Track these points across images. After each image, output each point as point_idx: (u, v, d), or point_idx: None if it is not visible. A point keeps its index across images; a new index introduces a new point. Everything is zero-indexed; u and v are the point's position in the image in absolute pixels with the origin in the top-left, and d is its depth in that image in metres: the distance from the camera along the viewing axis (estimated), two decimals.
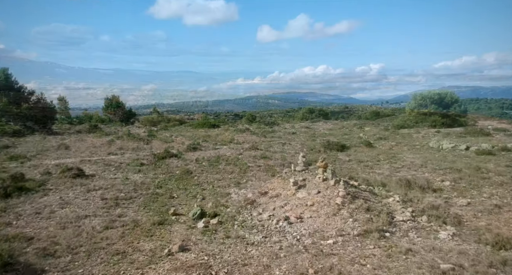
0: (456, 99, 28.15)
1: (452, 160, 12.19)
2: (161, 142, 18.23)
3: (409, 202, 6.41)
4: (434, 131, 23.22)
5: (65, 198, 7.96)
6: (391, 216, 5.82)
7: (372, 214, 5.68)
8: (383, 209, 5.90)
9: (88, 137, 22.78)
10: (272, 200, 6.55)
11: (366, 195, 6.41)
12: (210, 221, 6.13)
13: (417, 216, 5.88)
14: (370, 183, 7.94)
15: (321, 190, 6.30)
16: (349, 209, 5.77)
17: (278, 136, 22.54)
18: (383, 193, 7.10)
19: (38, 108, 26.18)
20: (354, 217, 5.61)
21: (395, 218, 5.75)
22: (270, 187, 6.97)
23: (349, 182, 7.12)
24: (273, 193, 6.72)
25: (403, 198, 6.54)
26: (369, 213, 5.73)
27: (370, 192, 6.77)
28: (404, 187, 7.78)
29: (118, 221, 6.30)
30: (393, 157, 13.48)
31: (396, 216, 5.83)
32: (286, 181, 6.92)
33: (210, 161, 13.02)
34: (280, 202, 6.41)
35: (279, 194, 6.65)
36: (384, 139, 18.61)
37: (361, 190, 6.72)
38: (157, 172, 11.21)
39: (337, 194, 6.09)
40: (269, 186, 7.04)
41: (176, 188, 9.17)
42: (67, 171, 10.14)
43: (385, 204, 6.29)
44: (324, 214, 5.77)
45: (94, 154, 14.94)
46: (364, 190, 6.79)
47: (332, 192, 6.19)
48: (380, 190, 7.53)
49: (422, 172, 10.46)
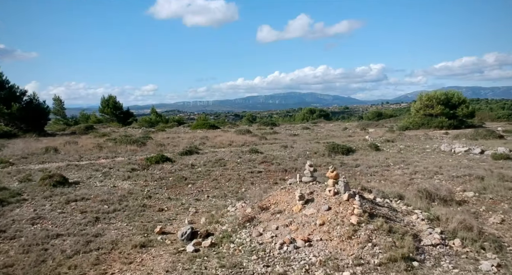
0: (463, 99, 27.20)
1: (468, 166, 11.24)
2: (156, 145, 17.28)
3: (436, 220, 5.46)
4: (442, 132, 22.28)
5: (40, 211, 7.02)
6: (418, 238, 4.88)
7: (395, 237, 4.74)
8: (407, 230, 4.96)
9: (81, 138, 21.84)
10: (274, 217, 5.60)
11: (385, 212, 5.47)
12: (202, 243, 5.19)
13: (448, 239, 4.94)
14: (385, 195, 7.00)
15: (332, 206, 5.36)
16: (366, 230, 4.83)
17: (279, 138, 21.60)
18: (403, 208, 6.16)
19: (30, 109, 25.25)
20: (373, 240, 4.68)
21: (423, 242, 4.81)
22: (272, 201, 6.03)
23: (363, 194, 6.18)
24: (276, 209, 5.77)
25: (428, 215, 5.59)
26: (391, 235, 4.79)
27: (389, 207, 5.83)
28: (425, 199, 6.84)
29: (94, 243, 5.36)
30: (403, 161, 12.53)
31: (423, 238, 4.89)
32: (291, 194, 5.98)
33: (206, 166, 12.09)
34: (284, 219, 5.47)
35: (283, 209, 5.71)
36: (392, 142, 17.65)
37: (379, 205, 5.77)
38: (149, 178, 10.27)
39: (351, 212, 5.15)
40: (271, 199, 6.10)
41: (167, 199, 8.22)
42: (48, 178, 9.20)
43: (408, 223, 5.34)
44: (337, 236, 4.83)
45: (83, 157, 14.01)
46: (381, 204, 5.85)
47: (345, 209, 5.25)
48: (397, 203, 6.58)
49: (438, 179, 9.52)
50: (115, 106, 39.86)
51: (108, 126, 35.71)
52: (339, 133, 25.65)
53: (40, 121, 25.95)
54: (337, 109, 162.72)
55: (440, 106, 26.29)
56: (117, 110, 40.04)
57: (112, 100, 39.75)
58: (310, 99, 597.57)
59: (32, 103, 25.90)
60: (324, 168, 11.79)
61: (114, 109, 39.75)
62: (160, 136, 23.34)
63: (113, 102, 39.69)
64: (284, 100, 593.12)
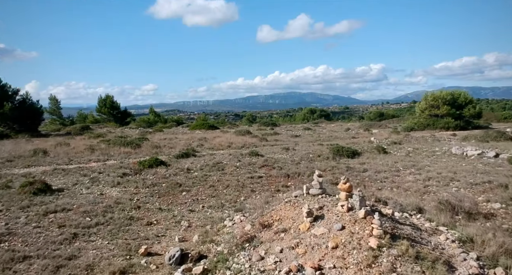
0: (470, 99, 26.38)
1: (484, 171, 10.43)
2: (151, 147, 16.47)
3: (469, 242, 4.65)
4: (449, 134, 21.47)
5: (13, 225, 6.22)
6: (451, 266, 4.07)
7: (424, 265, 3.94)
8: (437, 256, 4.15)
9: (75, 139, 21.03)
10: (278, 237, 4.80)
11: (408, 231, 4.66)
12: (193, 270, 4.39)
13: (487, 267, 4.13)
14: (403, 208, 6.19)
15: (347, 225, 4.56)
16: (389, 256, 4.03)
17: (280, 139, 20.79)
18: (426, 225, 5.34)
19: (23, 109, 24.44)
20: (398, 270, 3.87)
21: (458, 271, 4.00)
22: (275, 217, 5.22)
23: (378, 207, 5.37)
24: (280, 226, 4.97)
25: (460, 236, 4.78)
26: (419, 263, 3.98)
27: (412, 225, 5.01)
28: (447, 213, 6.03)
29: (65, 268, 4.55)
30: (413, 165, 11.73)
31: (457, 267, 4.08)
32: (297, 208, 5.16)
33: (203, 170, 11.29)
34: (289, 240, 4.67)
35: (288, 227, 4.90)
36: (399, 144, 16.84)
37: (400, 222, 4.96)
38: (140, 185, 9.47)
39: (369, 232, 4.35)
40: (274, 215, 5.29)
41: (158, 209, 7.41)
42: (29, 185, 8.40)
43: (436, 245, 4.53)
44: (353, 263, 4.02)
45: (73, 160, 13.21)
46: (403, 222, 5.03)
47: (362, 229, 4.44)
48: (418, 218, 5.78)
49: (456, 187, 8.71)
50: (112, 106, 39.06)
51: (105, 126, 34.90)
52: (342, 134, 24.85)
53: (33, 121, 25.15)
54: (337, 109, 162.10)
55: (446, 107, 25.48)
56: (114, 110, 39.24)
57: (109, 99, 38.95)
58: (310, 99, 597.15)
59: (25, 102, 25.09)
60: (329, 173, 11.00)
61: (111, 109, 38.95)
62: (157, 137, 22.53)
63: (110, 102, 38.89)
64: (284, 100, 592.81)
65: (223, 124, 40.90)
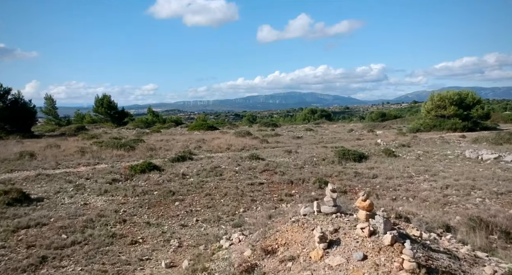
0: (478, 99, 25.49)
1: (506, 178, 9.56)
2: (146, 149, 15.60)
3: None
4: (458, 135, 20.59)
5: None
6: None
7: None
8: None
9: (68, 141, 20.14)
10: (284, 267, 3.94)
11: (446, 263, 3.79)
12: None
13: None
14: (429, 226, 5.31)
15: (369, 254, 3.69)
16: None
17: (281, 141, 19.91)
18: (462, 250, 4.47)
19: (15, 108, 23.58)
20: None
21: None
22: (280, 240, 4.35)
23: (404, 229, 4.50)
24: (286, 253, 4.10)
25: (510, 268, 3.90)
26: None
27: (446, 252, 4.14)
28: (480, 231, 5.17)
29: None
30: (426, 171, 10.87)
31: None
32: (307, 230, 4.30)
33: (200, 176, 10.42)
34: (298, 271, 3.80)
35: (296, 255, 4.04)
36: (407, 146, 15.96)
37: (432, 249, 4.09)
38: (129, 192, 8.60)
39: (399, 265, 3.48)
40: (279, 238, 4.42)
41: (146, 224, 6.55)
42: (3, 194, 7.53)
43: None
44: None
45: (61, 164, 12.32)
46: (436, 248, 4.15)
47: (389, 260, 3.58)
48: (448, 239, 4.91)
49: (479, 198, 7.84)
50: (110, 106, 38.16)
51: (102, 127, 34.02)
52: (346, 136, 23.97)
53: (25, 121, 24.28)
54: (338, 109, 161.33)
55: (453, 107, 24.59)
56: (112, 109, 38.34)
57: (107, 99, 38.05)
58: (311, 99, 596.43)
59: (17, 102, 24.22)
60: (336, 179, 10.14)
61: (109, 108, 38.05)
62: (153, 138, 21.65)
63: (107, 102, 37.99)
64: (284, 100, 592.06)
65: (223, 124, 40.03)
